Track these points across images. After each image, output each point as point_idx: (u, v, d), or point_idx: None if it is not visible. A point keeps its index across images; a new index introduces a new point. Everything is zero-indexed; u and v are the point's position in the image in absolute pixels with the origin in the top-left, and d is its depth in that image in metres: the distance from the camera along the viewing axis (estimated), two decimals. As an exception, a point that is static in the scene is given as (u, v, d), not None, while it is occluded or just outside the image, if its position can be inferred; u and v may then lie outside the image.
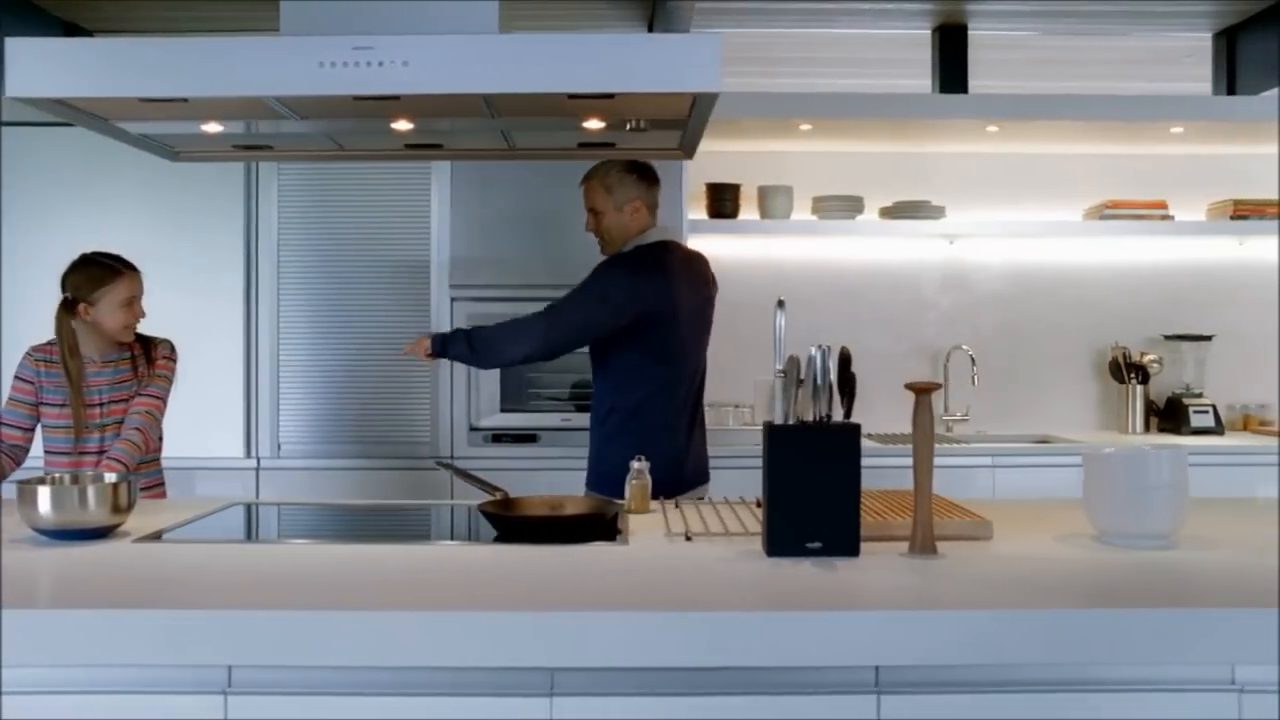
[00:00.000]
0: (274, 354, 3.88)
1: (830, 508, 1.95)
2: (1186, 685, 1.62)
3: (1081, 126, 4.13)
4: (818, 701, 1.61)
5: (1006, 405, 4.48)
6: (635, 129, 2.26)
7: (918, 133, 4.22)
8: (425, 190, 3.88)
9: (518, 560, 1.95)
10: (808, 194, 4.30)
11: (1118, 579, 1.81)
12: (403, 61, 1.93)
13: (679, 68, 1.93)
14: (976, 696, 1.62)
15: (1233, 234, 4.38)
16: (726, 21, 4.48)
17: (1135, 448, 2.13)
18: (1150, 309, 4.51)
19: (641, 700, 1.60)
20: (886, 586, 1.75)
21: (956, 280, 4.51)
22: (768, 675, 1.62)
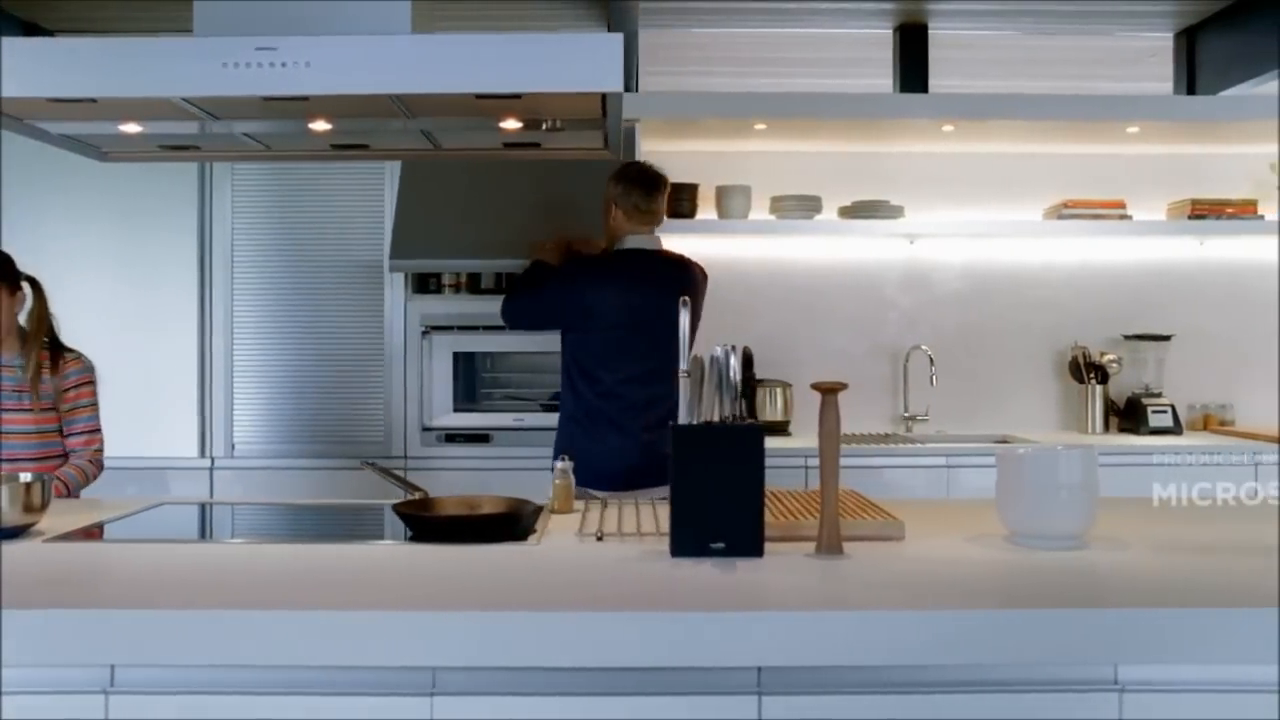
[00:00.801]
0: (228, 354, 3.89)
1: (734, 508, 1.95)
2: (1069, 685, 1.62)
3: (1038, 126, 4.14)
4: (700, 702, 1.61)
5: (967, 405, 4.48)
6: (553, 129, 2.25)
7: (875, 132, 4.23)
8: (379, 189, 3.89)
9: (424, 560, 1.96)
10: (766, 194, 4.30)
11: (1013, 579, 1.81)
12: (305, 62, 1.93)
13: (581, 68, 1.93)
14: (859, 698, 1.62)
15: (1191, 234, 4.38)
16: (687, 21, 4.48)
17: (1046, 448, 2.13)
18: (1111, 309, 4.51)
19: (520, 700, 1.61)
20: (777, 587, 1.75)
21: (917, 280, 4.51)
22: (650, 676, 1.62)
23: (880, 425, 4.47)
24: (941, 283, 4.50)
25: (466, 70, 1.97)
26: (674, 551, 1.94)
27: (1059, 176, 4.44)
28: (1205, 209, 4.29)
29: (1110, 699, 1.61)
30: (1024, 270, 4.51)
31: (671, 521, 1.95)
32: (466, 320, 3.87)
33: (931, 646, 1.56)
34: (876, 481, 3.94)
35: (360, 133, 2.40)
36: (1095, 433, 4.35)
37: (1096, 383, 4.36)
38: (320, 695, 1.60)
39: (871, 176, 4.40)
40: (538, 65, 1.96)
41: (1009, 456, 2.08)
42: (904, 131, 4.21)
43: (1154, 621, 1.58)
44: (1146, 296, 4.51)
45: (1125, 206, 4.31)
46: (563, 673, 1.61)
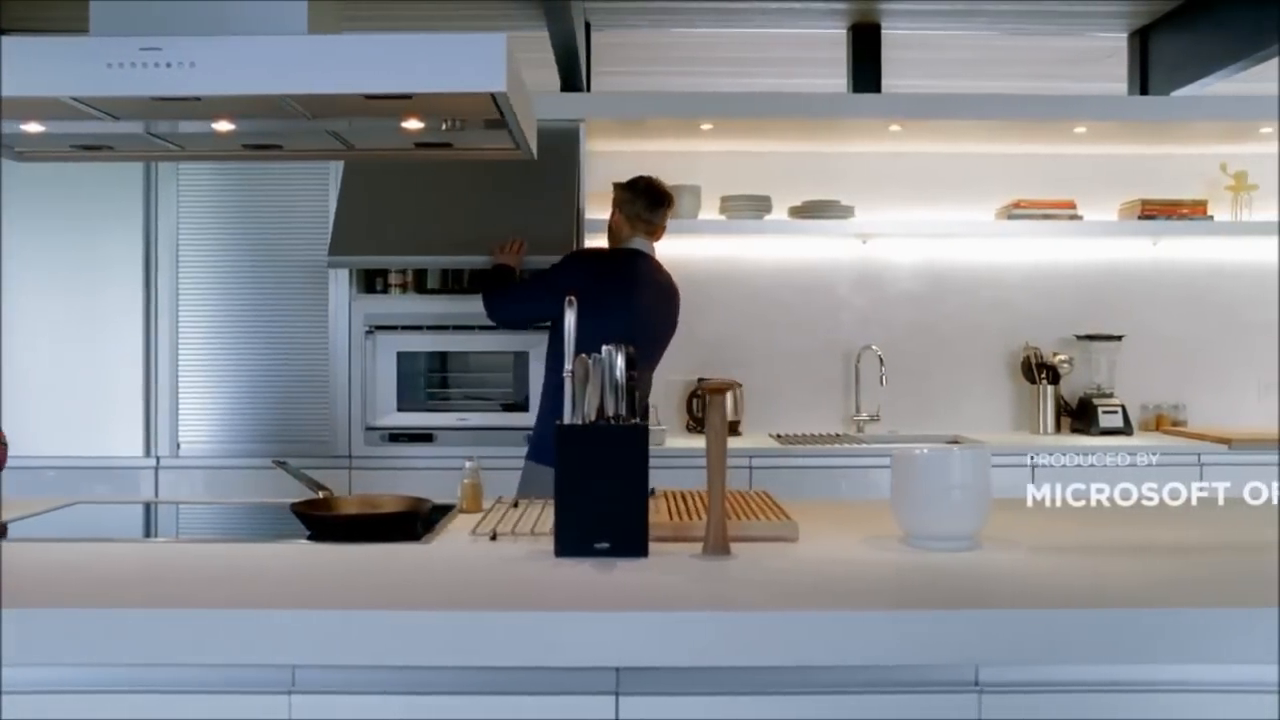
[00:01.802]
0: (173, 353, 3.90)
1: (618, 508, 1.95)
2: (928, 687, 1.62)
3: (989, 126, 4.13)
4: (558, 702, 1.61)
5: (920, 406, 4.47)
6: (453, 128, 2.25)
7: (826, 132, 4.22)
8: (324, 189, 3.89)
9: (309, 559, 1.96)
10: (717, 194, 4.30)
11: (890, 580, 1.81)
12: (190, 62, 1.93)
13: (466, 68, 1.93)
14: (719, 699, 1.62)
15: (1141, 234, 4.37)
16: (640, 21, 4.49)
17: (941, 448, 2.13)
18: (1064, 309, 4.50)
19: (378, 699, 1.61)
20: (646, 588, 1.75)
21: (870, 280, 4.50)
22: (511, 675, 1.62)
23: (832, 426, 4.47)
24: (894, 283, 4.50)
25: (354, 71, 1.97)
26: (558, 551, 1.94)
27: (1011, 177, 4.44)
28: (1156, 209, 4.28)
29: (970, 700, 1.61)
30: (977, 270, 4.50)
31: (555, 522, 1.95)
32: (411, 320, 3.87)
33: (792, 647, 1.56)
34: (825, 482, 3.95)
35: (270, 133, 2.40)
36: (1047, 433, 4.35)
37: (1048, 383, 4.35)
38: (177, 694, 1.61)
39: (823, 176, 4.40)
40: (424, 66, 1.96)
41: (903, 458, 2.08)
42: (854, 131, 4.21)
43: (1012, 622, 1.58)
44: (1100, 297, 4.50)
45: (1075, 206, 4.30)
46: (422, 671, 1.61)
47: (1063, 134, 4.18)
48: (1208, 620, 1.59)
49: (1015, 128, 4.15)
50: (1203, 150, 4.35)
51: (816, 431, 4.43)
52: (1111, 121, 4.08)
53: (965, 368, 4.51)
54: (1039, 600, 1.67)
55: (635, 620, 1.57)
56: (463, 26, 4.32)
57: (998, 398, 4.51)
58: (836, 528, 2.21)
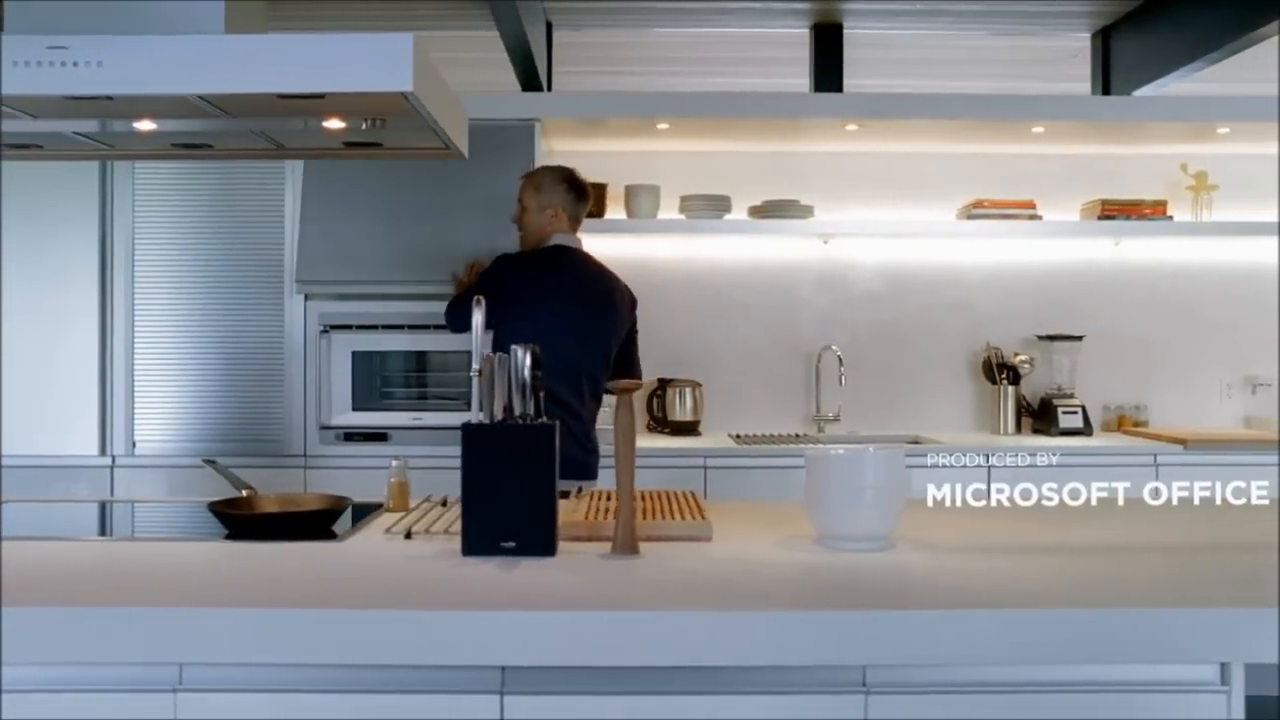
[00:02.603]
0: (129, 352, 3.90)
1: (525, 507, 1.95)
2: (816, 687, 1.62)
3: (949, 126, 4.12)
4: (441, 700, 1.61)
5: (882, 406, 4.47)
6: (373, 127, 2.25)
7: (786, 132, 4.22)
8: (279, 189, 3.90)
9: (217, 557, 1.97)
10: (677, 193, 4.29)
11: (792, 580, 1.82)
12: (98, 61, 1.93)
13: (372, 67, 1.93)
14: (602, 699, 1.62)
15: (1101, 234, 4.37)
16: (604, 21, 4.49)
17: (855, 449, 2.12)
18: (1026, 309, 4.49)
19: (264, 697, 1.61)
20: (541, 587, 1.75)
21: (832, 280, 4.50)
22: (397, 674, 1.62)
23: (794, 426, 4.46)
24: (856, 283, 4.50)
25: (264, 71, 1.97)
26: (465, 550, 1.94)
27: (973, 177, 4.43)
28: (1115, 209, 4.27)
29: (856, 700, 1.61)
30: (939, 270, 4.50)
31: (462, 520, 1.95)
32: (366, 320, 3.87)
33: (675, 647, 1.57)
34: (780, 482, 3.93)
35: (198, 133, 2.40)
36: (1008, 433, 4.35)
37: (1008, 383, 4.35)
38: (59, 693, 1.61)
39: (783, 176, 4.39)
40: (333, 66, 1.96)
41: (815, 458, 2.08)
42: (814, 131, 4.20)
43: (900, 623, 1.58)
44: (1061, 297, 4.49)
45: (1035, 206, 4.29)
46: (306, 669, 1.61)
47: (1022, 134, 4.17)
48: (1098, 620, 1.59)
49: (975, 128, 4.14)
50: (1163, 151, 4.34)
51: (777, 432, 4.43)
52: (1070, 121, 4.08)
53: (927, 368, 4.50)
54: (934, 601, 1.67)
55: (518, 619, 1.57)
56: (422, 26, 4.32)
57: (959, 398, 4.51)
58: (757, 528, 2.20)
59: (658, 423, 4.33)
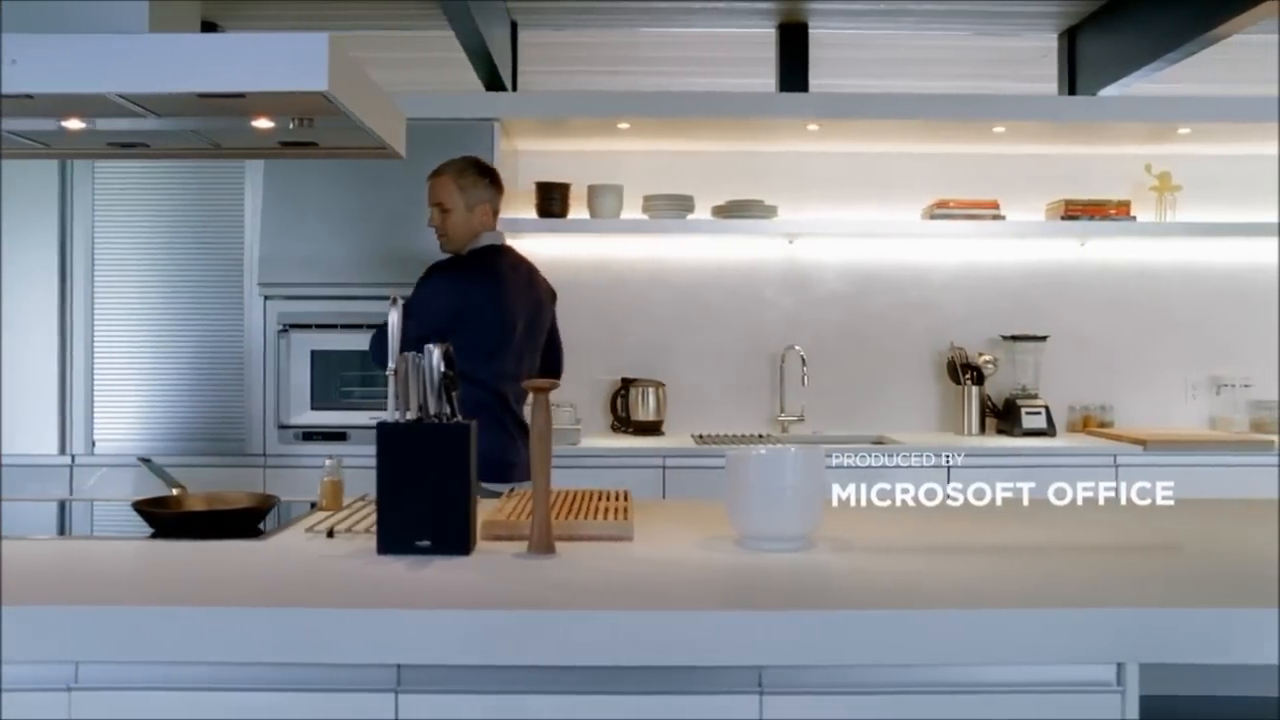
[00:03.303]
0: (89, 351, 3.91)
1: (440, 506, 1.95)
2: (711, 688, 1.62)
3: (910, 125, 4.12)
4: (337, 699, 1.61)
5: (847, 406, 4.46)
6: (301, 126, 2.25)
7: (749, 132, 4.22)
8: (239, 189, 3.90)
9: (132, 555, 1.97)
10: (641, 193, 4.29)
11: (701, 580, 1.81)
12: (10, 60, 1.93)
13: (288, 67, 1.93)
14: (497, 698, 1.62)
15: (1065, 235, 4.36)
16: (569, 20, 4.48)
17: (775, 449, 2.12)
18: (992, 309, 4.49)
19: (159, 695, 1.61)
20: (445, 585, 1.75)
21: (797, 280, 4.49)
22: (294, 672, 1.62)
23: (758, 426, 4.46)
24: (821, 283, 4.49)
25: (180, 70, 1.97)
26: (379, 549, 1.94)
27: (938, 177, 4.43)
28: (1079, 210, 4.27)
29: (751, 701, 1.61)
30: (904, 270, 4.49)
31: (377, 519, 1.96)
32: (324, 319, 3.88)
33: (567, 646, 1.57)
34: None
35: (131, 133, 2.40)
36: (972, 434, 4.34)
37: (973, 384, 4.34)
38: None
39: (748, 176, 4.40)
40: (249, 65, 1.96)
41: (735, 458, 2.08)
42: (777, 131, 4.20)
43: (794, 623, 1.58)
44: (1027, 297, 4.49)
45: (999, 206, 4.29)
46: (202, 667, 1.61)
47: (987, 134, 4.17)
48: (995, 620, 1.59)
49: (939, 128, 4.14)
50: (1128, 151, 4.34)
51: (741, 432, 4.42)
52: (1033, 122, 4.07)
53: (892, 368, 4.50)
54: (832, 601, 1.68)
55: (412, 618, 1.58)
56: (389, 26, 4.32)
57: (924, 398, 4.50)
58: (683, 528, 2.20)
59: (621, 423, 4.33)
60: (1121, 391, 4.49)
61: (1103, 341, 4.50)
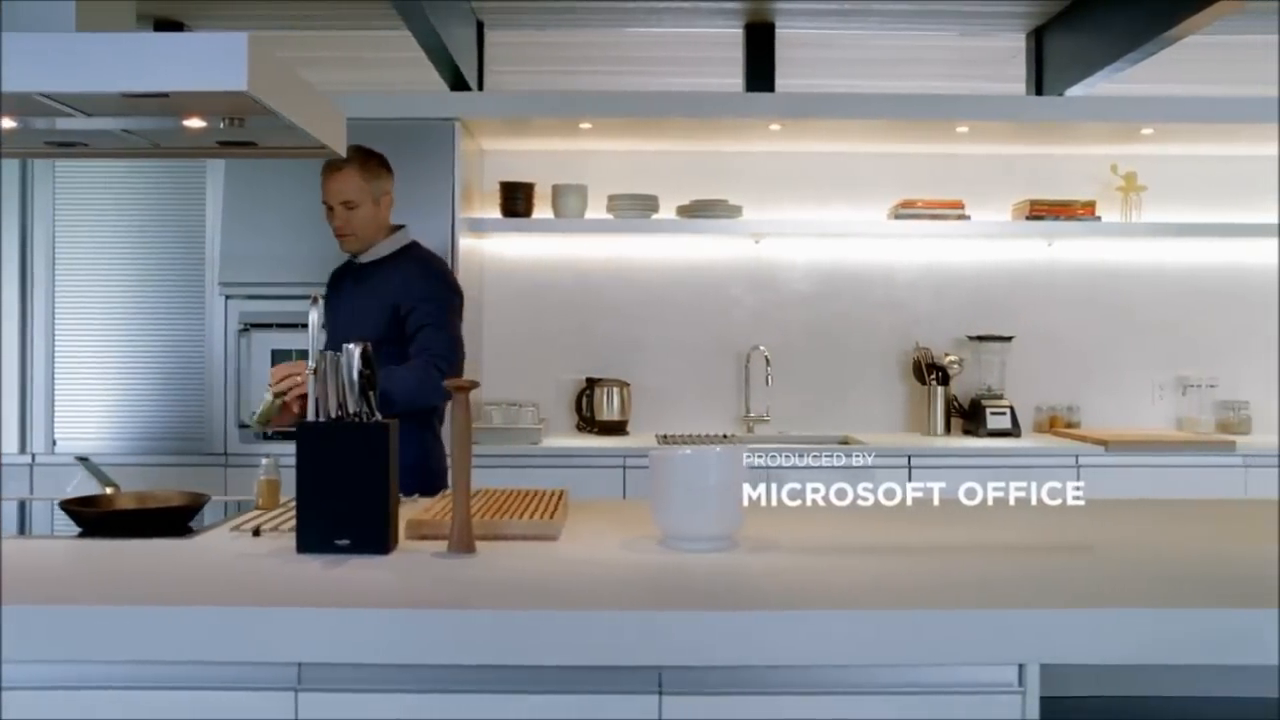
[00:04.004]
0: (49, 350, 3.92)
1: (360, 505, 1.95)
2: (612, 689, 1.62)
3: (874, 125, 4.12)
4: (236, 698, 1.61)
5: (813, 406, 4.46)
6: (231, 126, 2.26)
7: (714, 132, 4.22)
8: (200, 189, 3.91)
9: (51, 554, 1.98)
10: (605, 193, 4.29)
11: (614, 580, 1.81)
12: (-73, 59, 1.94)
13: (205, 66, 1.93)
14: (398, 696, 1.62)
15: (1029, 235, 4.36)
16: (535, 20, 4.48)
17: (697, 449, 2.12)
18: (960, 310, 4.49)
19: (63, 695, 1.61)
20: (357, 584, 1.75)
21: (763, 280, 4.49)
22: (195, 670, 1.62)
23: (724, 426, 4.46)
24: (787, 283, 4.49)
25: (101, 69, 1.97)
26: (299, 547, 1.95)
27: (904, 177, 4.43)
28: (1044, 210, 4.26)
29: (650, 701, 1.61)
30: (871, 270, 4.49)
31: (297, 518, 1.96)
32: (285, 318, 3.88)
33: (466, 645, 1.57)
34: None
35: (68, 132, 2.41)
36: (937, 434, 4.34)
37: (938, 384, 4.34)
38: None
39: (714, 176, 4.40)
40: (170, 64, 1.96)
41: (657, 458, 2.08)
42: (743, 131, 4.20)
43: (693, 624, 1.58)
44: (995, 297, 4.49)
45: (964, 206, 4.29)
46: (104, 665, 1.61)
47: (952, 134, 4.16)
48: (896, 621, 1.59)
49: (904, 128, 4.14)
50: (1094, 151, 4.34)
51: (706, 432, 4.42)
52: (998, 122, 4.07)
53: (858, 368, 4.50)
54: (734, 602, 1.67)
55: (312, 616, 1.58)
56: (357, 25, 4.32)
57: (891, 398, 4.50)
58: (614, 528, 2.20)
59: (586, 423, 4.34)
60: (1089, 392, 4.48)
61: (1070, 342, 4.49)
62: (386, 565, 1.88)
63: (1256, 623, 1.58)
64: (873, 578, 1.81)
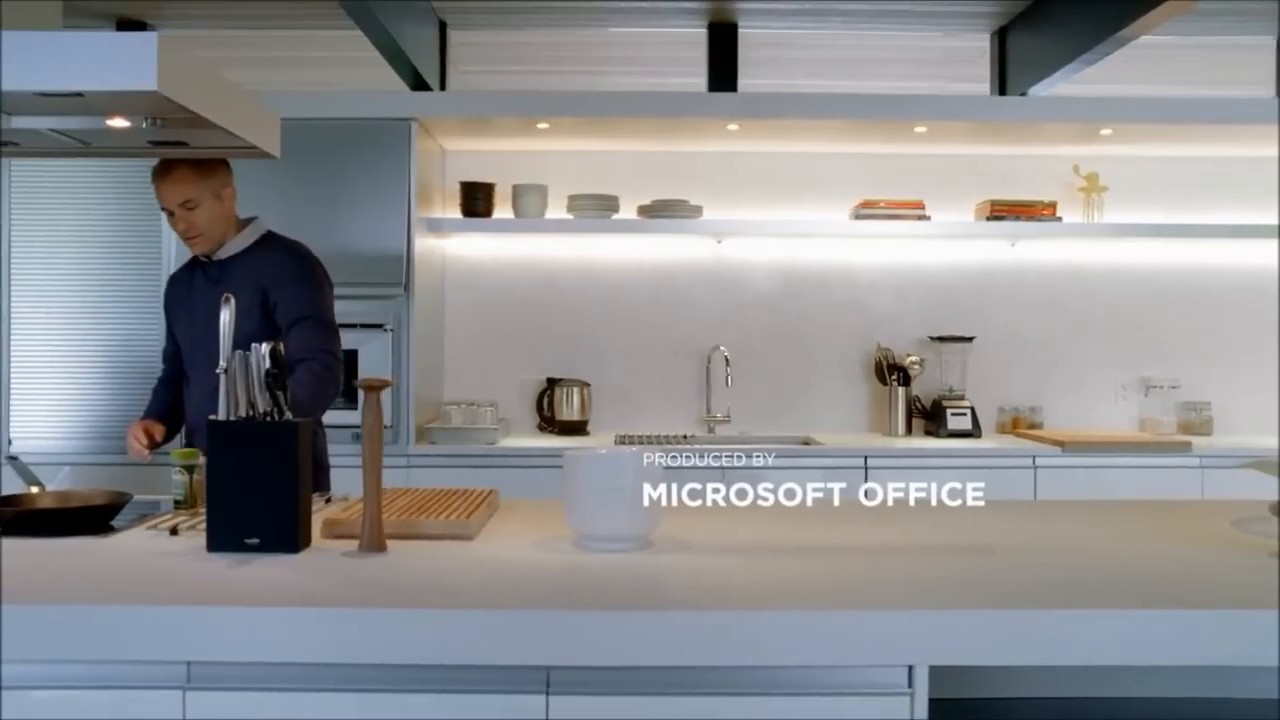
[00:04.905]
0: (4, 351, 3.93)
1: (270, 504, 1.95)
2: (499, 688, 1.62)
3: (833, 125, 4.11)
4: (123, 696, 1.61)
5: (775, 406, 4.46)
6: (154, 125, 2.26)
7: (674, 132, 4.21)
8: (155, 187, 3.90)
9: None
10: (566, 193, 4.29)
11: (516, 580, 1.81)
12: None
13: (114, 66, 1.94)
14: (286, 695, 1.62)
15: (990, 235, 4.35)
16: (498, 21, 4.48)
17: (611, 449, 2.12)
18: (922, 310, 4.48)
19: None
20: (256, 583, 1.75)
21: (725, 280, 4.49)
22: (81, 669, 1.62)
23: (686, 426, 4.46)
24: (749, 283, 4.49)
25: (13, 68, 1.97)
26: (210, 546, 1.95)
27: (866, 177, 4.42)
28: (1005, 210, 4.26)
29: (538, 701, 1.61)
30: (833, 271, 4.49)
31: (207, 517, 1.96)
32: (242, 318, 3.88)
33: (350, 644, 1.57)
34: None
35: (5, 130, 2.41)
36: (898, 434, 4.33)
37: (898, 385, 4.33)
38: None
39: (676, 176, 4.40)
40: (80, 64, 1.96)
41: (570, 459, 2.08)
42: (704, 131, 4.20)
43: (584, 623, 1.58)
44: (958, 298, 4.49)
45: (924, 207, 4.28)
46: None
47: (913, 134, 4.16)
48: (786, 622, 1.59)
49: (865, 128, 4.13)
50: (1057, 152, 4.33)
51: (667, 432, 4.42)
52: (957, 122, 4.06)
53: (820, 369, 4.50)
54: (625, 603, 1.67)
55: (199, 615, 1.58)
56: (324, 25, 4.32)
57: (853, 399, 4.50)
58: (534, 529, 2.20)
59: (547, 423, 4.34)
60: (1052, 393, 4.48)
61: (1033, 343, 4.49)
62: (292, 564, 1.88)
63: (1143, 623, 1.58)
64: (772, 579, 1.81)
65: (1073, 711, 1.75)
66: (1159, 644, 1.58)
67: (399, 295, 3.88)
